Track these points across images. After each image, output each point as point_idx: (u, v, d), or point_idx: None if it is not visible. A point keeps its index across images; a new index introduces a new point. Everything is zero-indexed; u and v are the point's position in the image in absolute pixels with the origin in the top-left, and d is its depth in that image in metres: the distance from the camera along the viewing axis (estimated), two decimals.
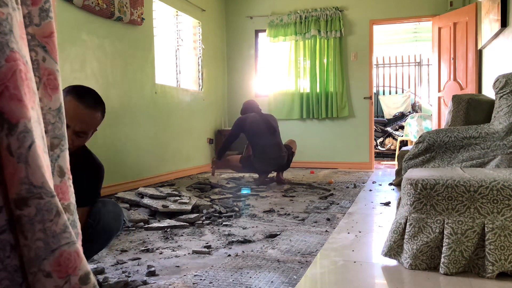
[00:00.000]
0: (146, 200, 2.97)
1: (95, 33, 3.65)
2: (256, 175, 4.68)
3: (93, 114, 1.48)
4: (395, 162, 6.26)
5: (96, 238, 1.58)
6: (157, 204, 2.88)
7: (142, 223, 2.62)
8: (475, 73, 4.73)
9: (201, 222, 2.69)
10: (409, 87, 9.51)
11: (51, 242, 0.81)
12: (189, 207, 2.88)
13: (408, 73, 9.64)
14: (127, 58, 4.10)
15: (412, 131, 6.75)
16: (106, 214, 1.59)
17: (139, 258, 2.00)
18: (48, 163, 0.87)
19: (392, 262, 1.88)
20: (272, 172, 4.53)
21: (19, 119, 0.78)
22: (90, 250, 1.62)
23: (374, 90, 8.97)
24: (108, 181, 3.63)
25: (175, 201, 2.98)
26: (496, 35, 3.72)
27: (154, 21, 4.57)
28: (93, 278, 0.88)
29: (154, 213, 2.85)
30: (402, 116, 8.55)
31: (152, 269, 1.81)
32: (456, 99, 2.95)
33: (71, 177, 0.98)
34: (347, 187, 4.14)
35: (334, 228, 2.54)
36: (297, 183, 4.36)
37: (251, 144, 4.40)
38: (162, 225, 2.57)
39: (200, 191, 3.85)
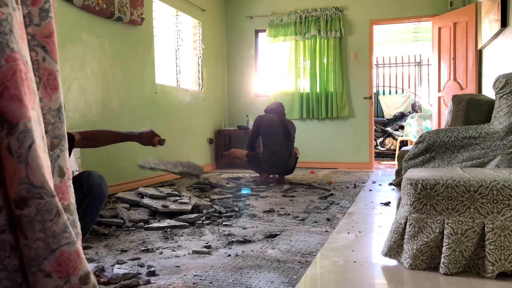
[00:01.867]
0: (146, 200, 2.98)
1: (95, 33, 3.65)
2: (256, 174, 4.68)
3: None
4: (395, 162, 6.26)
5: (93, 205, 1.66)
6: (157, 204, 2.88)
7: (142, 223, 2.62)
8: (475, 73, 4.73)
9: (201, 222, 2.69)
10: (409, 87, 9.51)
11: (51, 242, 0.81)
12: (189, 207, 2.88)
13: (408, 73, 9.64)
14: (127, 58, 4.09)
15: (412, 131, 6.75)
16: (94, 181, 1.67)
17: (139, 258, 2.00)
18: (48, 163, 0.87)
19: (392, 262, 1.88)
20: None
21: (19, 119, 0.77)
22: (91, 219, 1.69)
23: (374, 90, 8.96)
24: (108, 181, 3.61)
25: (175, 201, 2.98)
26: (496, 35, 3.72)
27: (154, 21, 4.57)
28: (93, 278, 0.88)
29: (154, 213, 2.85)
30: (402, 116, 8.54)
31: (152, 269, 1.81)
32: (456, 99, 2.95)
33: (71, 177, 0.98)
34: (347, 187, 4.14)
35: (334, 228, 2.54)
36: (297, 183, 4.36)
37: (264, 143, 4.39)
38: (162, 225, 2.57)
39: (200, 191, 3.85)
